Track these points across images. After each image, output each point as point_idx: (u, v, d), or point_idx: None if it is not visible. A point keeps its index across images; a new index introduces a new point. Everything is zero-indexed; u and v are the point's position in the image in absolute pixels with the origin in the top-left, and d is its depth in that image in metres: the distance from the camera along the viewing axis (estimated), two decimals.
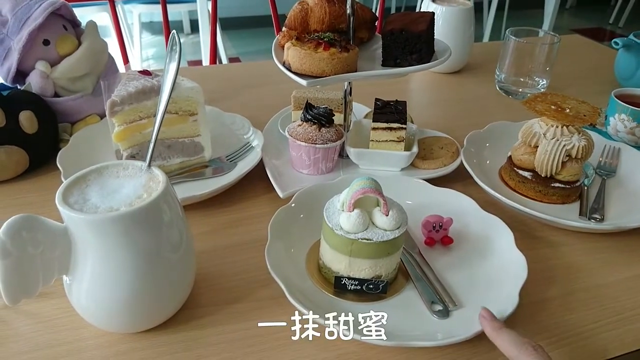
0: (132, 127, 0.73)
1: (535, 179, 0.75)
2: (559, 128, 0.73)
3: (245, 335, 0.54)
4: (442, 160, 0.80)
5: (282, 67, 0.71)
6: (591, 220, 0.71)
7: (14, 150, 0.77)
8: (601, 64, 1.33)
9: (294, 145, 0.78)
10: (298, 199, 0.68)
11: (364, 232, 0.55)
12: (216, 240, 0.68)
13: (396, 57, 0.72)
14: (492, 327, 0.47)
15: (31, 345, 0.53)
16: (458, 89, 1.20)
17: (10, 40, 0.81)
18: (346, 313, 0.55)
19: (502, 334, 0.46)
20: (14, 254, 0.45)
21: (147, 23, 4.18)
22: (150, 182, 0.50)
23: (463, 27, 1.16)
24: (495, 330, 0.46)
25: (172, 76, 0.50)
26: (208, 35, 2.85)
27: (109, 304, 0.49)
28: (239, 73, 1.32)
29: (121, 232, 0.46)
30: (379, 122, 0.77)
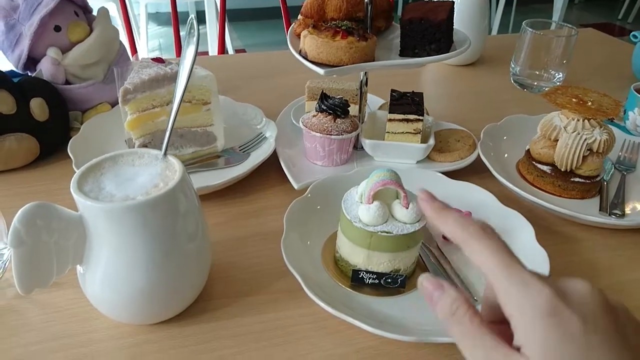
0: (145, 115, 0.72)
1: (555, 173, 0.73)
2: (580, 121, 0.71)
3: (260, 328, 0.53)
4: (458, 153, 0.79)
5: (298, 56, 0.69)
6: (612, 215, 0.70)
7: (24, 138, 0.76)
8: (617, 58, 1.31)
9: (309, 136, 0.76)
10: (314, 190, 0.67)
11: (384, 225, 0.54)
12: (230, 231, 0.67)
13: (414, 47, 0.71)
14: (432, 209, 0.39)
15: (43, 335, 0.52)
16: (472, 81, 1.18)
17: (21, 26, 0.79)
18: (363, 307, 0.55)
19: (445, 215, 0.38)
20: (28, 242, 0.43)
21: (154, 14, 4.16)
22: (167, 170, 0.49)
23: (478, 18, 1.14)
24: (437, 212, 0.38)
25: (190, 61, 0.49)
26: (214, 26, 2.84)
27: (124, 295, 0.48)
28: (248, 63, 1.30)
29: (137, 222, 0.45)
30: (396, 113, 0.75)
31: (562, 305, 0.31)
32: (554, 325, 0.30)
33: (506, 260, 0.33)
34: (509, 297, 0.32)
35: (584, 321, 0.30)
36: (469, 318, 0.34)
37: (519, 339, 0.32)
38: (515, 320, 0.32)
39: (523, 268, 0.33)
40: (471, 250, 0.35)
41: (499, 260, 0.34)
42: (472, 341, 0.33)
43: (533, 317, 0.31)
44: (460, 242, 0.36)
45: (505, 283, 0.33)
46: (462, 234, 0.36)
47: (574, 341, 0.30)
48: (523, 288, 0.32)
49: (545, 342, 0.30)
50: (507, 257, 0.34)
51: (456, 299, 0.35)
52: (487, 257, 0.34)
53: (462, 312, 0.35)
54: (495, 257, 0.34)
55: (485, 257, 0.34)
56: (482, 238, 0.35)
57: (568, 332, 0.30)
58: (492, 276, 0.34)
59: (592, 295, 0.32)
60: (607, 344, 0.30)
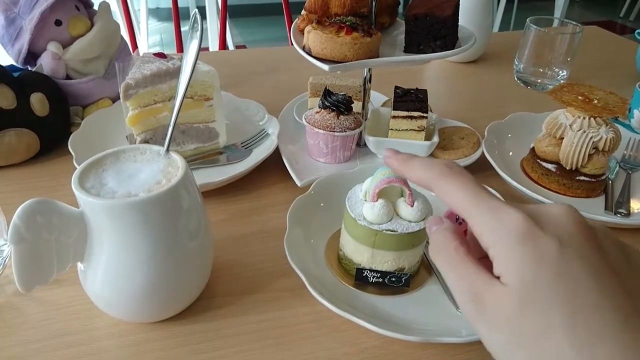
0: (147, 111, 0.71)
1: (560, 172, 0.73)
2: (586, 119, 0.71)
3: (263, 327, 0.53)
4: (463, 151, 0.78)
5: (302, 52, 0.68)
6: (617, 214, 0.69)
7: (24, 133, 0.75)
8: (620, 56, 1.30)
9: (312, 132, 0.76)
10: (317, 187, 0.66)
11: (388, 223, 0.53)
12: (232, 229, 0.66)
13: (419, 43, 0.70)
14: (398, 161, 0.39)
15: (43, 333, 0.51)
16: (475, 78, 1.17)
17: (21, 20, 0.79)
18: (367, 306, 0.54)
19: (410, 164, 0.38)
20: (28, 239, 0.43)
21: (154, 9, 4.15)
22: (169, 167, 0.48)
23: (482, 15, 1.14)
24: (402, 162, 0.38)
25: (194, 56, 0.48)
26: (215, 22, 2.83)
27: (125, 293, 0.48)
28: (250, 59, 1.29)
29: (139, 219, 0.44)
30: (400, 110, 0.75)
31: (535, 228, 0.30)
32: (529, 249, 0.30)
33: (474, 191, 0.33)
34: (482, 227, 0.32)
35: (559, 241, 0.30)
36: (454, 247, 0.34)
37: (497, 267, 0.31)
38: (492, 249, 0.31)
39: (492, 196, 0.33)
40: (439, 189, 0.35)
41: (466, 193, 0.33)
42: (455, 270, 0.33)
43: (507, 243, 0.30)
44: (428, 183, 0.36)
45: (477, 214, 0.32)
46: (428, 174, 0.36)
47: (551, 262, 0.29)
48: (494, 215, 0.31)
49: (521, 267, 0.29)
50: (475, 188, 0.33)
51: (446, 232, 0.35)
52: (455, 193, 0.34)
53: (448, 241, 0.34)
54: (462, 190, 0.33)
55: (453, 194, 0.34)
56: (448, 175, 0.35)
57: (543, 254, 0.29)
58: (463, 211, 0.33)
59: (567, 216, 0.31)
60: (585, 259, 0.29)
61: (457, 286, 0.33)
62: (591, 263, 0.29)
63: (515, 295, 0.29)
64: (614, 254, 0.31)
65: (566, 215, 0.31)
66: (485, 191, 0.33)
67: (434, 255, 0.35)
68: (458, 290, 0.33)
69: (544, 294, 0.29)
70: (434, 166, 0.36)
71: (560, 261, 0.29)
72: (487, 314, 0.31)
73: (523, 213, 0.31)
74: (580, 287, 0.28)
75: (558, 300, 0.28)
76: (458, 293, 0.33)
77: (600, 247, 0.31)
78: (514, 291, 0.29)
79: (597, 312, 0.28)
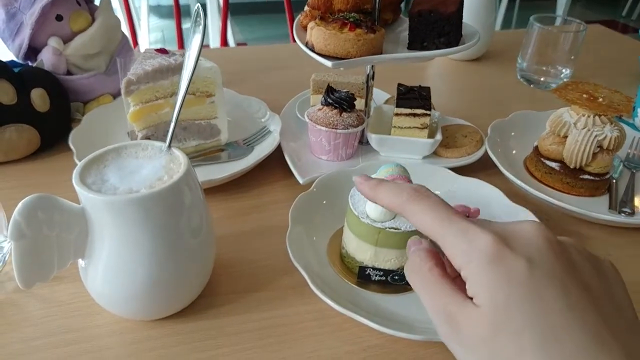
0: (148, 107, 0.70)
1: (564, 170, 0.72)
2: (591, 118, 0.70)
3: (265, 325, 0.52)
4: (466, 149, 0.78)
5: (305, 48, 0.68)
6: (621, 213, 0.69)
7: (25, 129, 0.75)
8: (623, 55, 1.29)
9: (314, 130, 0.75)
10: (319, 184, 0.66)
11: (392, 221, 0.53)
12: (234, 226, 0.66)
13: (423, 40, 0.69)
14: (369, 187, 0.39)
15: (44, 330, 0.51)
16: (478, 76, 1.17)
17: (22, 15, 0.78)
18: (370, 304, 0.54)
19: (379, 189, 0.38)
20: (28, 235, 0.42)
21: (155, 6, 4.14)
22: (171, 163, 0.48)
23: (485, 13, 1.13)
24: (373, 188, 0.39)
25: (196, 51, 0.48)
26: (216, 19, 2.82)
27: (126, 290, 0.47)
28: (252, 56, 1.29)
29: (141, 215, 0.44)
30: (403, 107, 0.74)
31: (505, 248, 0.30)
32: (499, 270, 0.30)
33: (442, 214, 0.33)
34: (453, 249, 0.32)
35: (529, 261, 0.30)
36: (429, 268, 0.34)
37: (470, 289, 0.31)
38: (464, 271, 0.31)
39: (460, 218, 0.33)
40: (409, 214, 0.35)
41: (435, 216, 0.33)
42: (430, 291, 0.33)
43: (478, 265, 0.30)
44: (398, 209, 0.36)
45: (446, 236, 0.32)
46: (397, 200, 0.36)
47: (521, 283, 0.29)
48: (464, 237, 0.32)
49: (492, 289, 0.30)
50: (443, 211, 0.33)
51: (422, 252, 0.35)
52: (424, 216, 0.34)
53: (423, 262, 0.35)
54: (431, 213, 0.34)
55: (422, 217, 0.34)
56: (416, 199, 0.35)
57: (513, 275, 0.29)
58: (433, 234, 0.34)
59: (536, 234, 0.31)
60: (555, 278, 0.29)
61: (431, 307, 0.33)
62: (561, 282, 0.29)
63: (488, 317, 0.29)
64: (585, 268, 0.31)
65: (535, 232, 0.32)
66: (454, 213, 0.33)
67: (408, 275, 0.36)
68: (433, 311, 0.33)
69: (515, 316, 0.29)
70: (402, 191, 0.36)
71: (530, 282, 0.29)
72: (462, 335, 0.31)
73: (492, 234, 0.31)
74: (550, 307, 0.29)
75: (529, 322, 0.28)
76: (433, 314, 0.33)
77: (571, 263, 0.31)
78: (487, 313, 0.30)
79: (568, 331, 0.28)
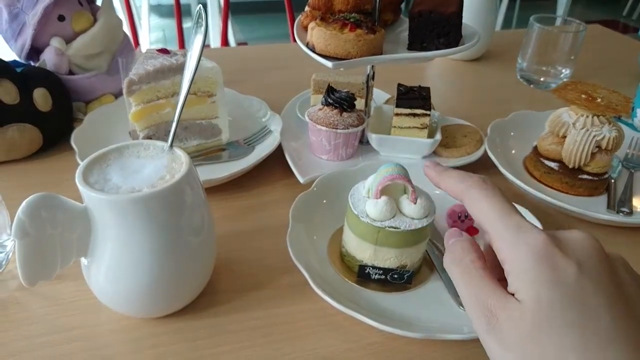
0: (150, 107, 0.71)
1: (562, 170, 0.73)
2: (589, 118, 0.70)
3: (266, 323, 0.53)
4: (465, 149, 0.78)
5: (306, 48, 0.68)
6: (619, 213, 0.69)
7: (27, 129, 0.75)
8: (623, 55, 1.30)
9: (314, 130, 0.76)
10: (319, 184, 0.67)
11: (391, 220, 0.53)
12: (235, 225, 0.66)
13: (423, 40, 0.70)
14: (436, 172, 0.40)
15: (47, 328, 0.51)
16: (478, 76, 1.17)
17: (24, 15, 0.79)
18: (369, 302, 0.54)
19: (446, 175, 0.39)
20: (32, 234, 0.43)
21: (155, 6, 4.14)
22: (173, 163, 0.48)
23: (485, 13, 1.13)
24: (440, 174, 0.40)
25: (198, 51, 0.48)
26: (217, 19, 2.83)
27: (128, 288, 0.48)
28: (253, 55, 1.29)
29: (143, 214, 0.44)
30: (403, 107, 0.75)
31: (556, 250, 0.30)
32: (547, 269, 0.30)
33: (503, 207, 0.34)
34: (503, 242, 0.32)
35: (579, 266, 0.30)
36: (471, 260, 0.34)
37: (512, 284, 0.31)
38: (509, 265, 0.32)
39: (519, 214, 0.33)
40: (469, 200, 0.36)
41: (495, 206, 0.34)
42: (470, 283, 0.34)
43: (526, 260, 0.31)
44: (461, 193, 0.37)
45: (500, 228, 0.33)
46: (463, 185, 0.37)
47: (568, 285, 0.29)
48: (517, 232, 0.32)
49: (538, 286, 0.30)
50: (505, 205, 0.34)
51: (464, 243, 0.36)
52: (485, 204, 0.34)
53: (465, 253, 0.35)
54: (492, 204, 0.34)
55: (481, 205, 0.35)
56: (481, 187, 0.36)
57: (561, 276, 0.29)
58: (487, 223, 0.34)
59: (588, 242, 0.32)
60: (601, 290, 0.30)
61: (470, 300, 0.33)
62: (607, 292, 0.30)
63: (530, 314, 0.29)
64: (629, 284, 0.31)
65: (586, 241, 0.32)
66: (513, 208, 0.34)
67: (449, 266, 0.36)
68: (471, 303, 0.33)
69: (560, 316, 0.29)
70: (468, 178, 0.37)
71: (578, 286, 0.29)
72: (500, 330, 0.31)
73: (545, 234, 0.31)
74: (595, 314, 0.29)
75: (573, 324, 0.28)
76: (471, 306, 0.33)
77: (618, 277, 0.31)
78: (529, 310, 0.30)
79: (610, 340, 0.28)
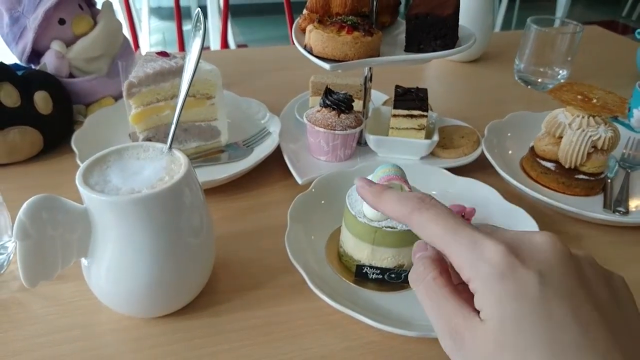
0: (149, 109, 0.72)
1: (559, 170, 0.73)
2: (585, 118, 0.71)
3: (264, 322, 0.53)
4: (462, 150, 0.79)
5: (303, 51, 0.69)
6: (616, 212, 0.70)
7: (28, 131, 0.76)
8: (621, 56, 1.30)
9: (312, 131, 0.76)
10: (318, 185, 0.67)
11: (388, 220, 0.54)
12: (234, 226, 0.67)
13: (420, 42, 0.70)
14: (372, 194, 0.38)
15: (48, 328, 0.52)
16: (476, 78, 1.18)
17: (25, 19, 0.79)
18: (367, 302, 0.55)
19: (383, 197, 0.37)
20: (33, 235, 0.43)
21: (155, 8, 4.15)
22: (172, 164, 0.49)
23: (484, 14, 1.14)
24: (377, 196, 0.37)
25: (197, 55, 0.49)
26: (217, 21, 2.84)
27: (128, 288, 0.48)
28: (252, 58, 1.30)
29: (143, 215, 0.45)
30: (400, 109, 0.75)
31: (516, 262, 0.29)
32: (509, 284, 0.29)
33: (451, 224, 0.32)
34: (462, 261, 0.31)
35: (540, 275, 0.29)
36: (433, 277, 0.33)
37: (477, 302, 0.30)
38: (473, 284, 0.30)
39: (470, 228, 0.32)
40: (415, 224, 0.34)
41: (443, 226, 0.32)
42: (434, 302, 0.32)
43: (487, 278, 0.29)
44: (404, 219, 0.35)
45: (455, 247, 0.31)
46: (403, 210, 0.35)
47: (531, 299, 0.28)
48: (473, 248, 0.30)
49: (500, 304, 0.29)
50: (451, 221, 0.32)
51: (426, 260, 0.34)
52: (433, 227, 0.33)
53: (427, 270, 0.34)
54: (439, 224, 0.32)
55: (430, 228, 0.33)
56: (422, 209, 0.33)
57: (523, 290, 0.28)
58: (441, 244, 0.32)
59: (550, 246, 0.30)
60: (566, 296, 0.28)
61: (435, 319, 0.32)
62: (572, 299, 0.29)
63: (493, 333, 0.29)
64: (597, 286, 0.30)
65: (548, 244, 0.30)
66: (463, 222, 0.32)
67: (413, 283, 0.35)
68: (436, 323, 0.32)
69: (523, 333, 0.28)
70: (407, 201, 0.35)
71: (540, 298, 0.28)
72: (465, 350, 0.30)
73: (503, 245, 0.30)
74: (560, 325, 0.28)
75: (537, 340, 0.28)
76: (436, 326, 0.32)
77: (583, 279, 0.30)
78: (492, 329, 0.29)
79: (576, 351, 0.27)
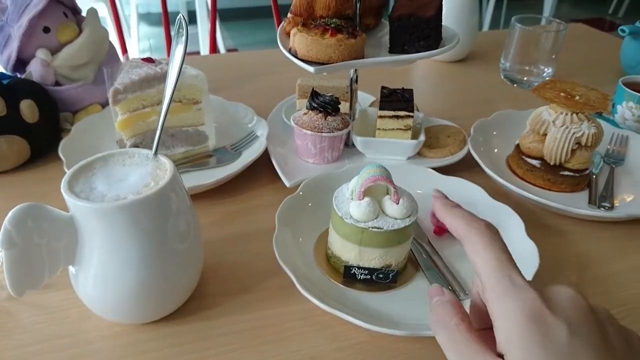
0: (136, 115, 0.72)
1: (544, 167, 0.74)
2: (569, 115, 0.72)
3: (253, 325, 0.54)
4: (449, 149, 0.79)
5: (288, 54, 0.69)
6: (600, 208, 0.70)
7: (15, 140, 0.76)
8: (606, 53, 1.32)
9: (300, 134, 0.77)
10: (305, 188, 0.67)
11: (374, 221, 0.54)
12: (222, 230, 0.67)
13: (404, 44, 0.71)
14: (443, 204, 0.40)
15: (36, 337, 0.52)
16: (462, 77, 1.18)
17: (10, 28, 0.79)
18: (356, 302, 0.55)
19: (453, 212, 0.39)
20: (19, 244, 0.43)
21: (144, 14, 4.14)
22: (157, 170, 0.49)
23: (468, 14, 1.15)
24: (447, 208, 0.40)
25: (179, 61, 0.49)
26: (206, 26, 2.84)
27: (116, 295, 0.48)
28: (239, 62, 1.30)
29: (129, 221, 0.45)
30: (386, 110, 0.76)
31: (546, 310, 0.31)
32: (537, 330, 0.30)
33: (501, 258, 0.34)
34: (494, 294, 0.32)
35: (569, 327, 0.30)
36: (455, 323, 0.35)
37: (501, 344, 0.31)
38: (499, 321, 0.32)
39: (516, 270, 0.33)
40: (471, 244, 0.36)
41: (493, 256, 0.34)
42: (457, 348, 0.34)
43: (516, 320, 0.31)
44: (463, 237, 0.37)
45: (493, 279, 0.33)
46: (468, 229, 0.37)
47: (558, 348, 0.29)
48: (508, 286, 0.32)
49: (528, 350, 0.30)
50: (503, 256, 0.34)
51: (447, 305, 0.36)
52: (484, 253, 0.35)
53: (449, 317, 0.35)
54: (490, 253, 0.34)
55: (482, 253, 0.35)
56: (484, 235, 0.36)
57: (552, 338, 0.29)
58: (483, 271, 0.34)
59: (575, 300, 0.32)
60: (591, 348, 0.30)
61: None
62: (598, 352, 0.30)
63: None
64: (617, 341, 0.31)
65: (574, 299, 0.32)
66: (511, 261, 0.34)
67: (435, 329, 0.36)
68: None
69: None
70: (472, 222, 0.37)
71: (568, 349, 0.29)
72: None
73: (535, 292, 0.31)
74: None
75: None
76: None
77: (606, 335, 0.31)
78: None
79: None
